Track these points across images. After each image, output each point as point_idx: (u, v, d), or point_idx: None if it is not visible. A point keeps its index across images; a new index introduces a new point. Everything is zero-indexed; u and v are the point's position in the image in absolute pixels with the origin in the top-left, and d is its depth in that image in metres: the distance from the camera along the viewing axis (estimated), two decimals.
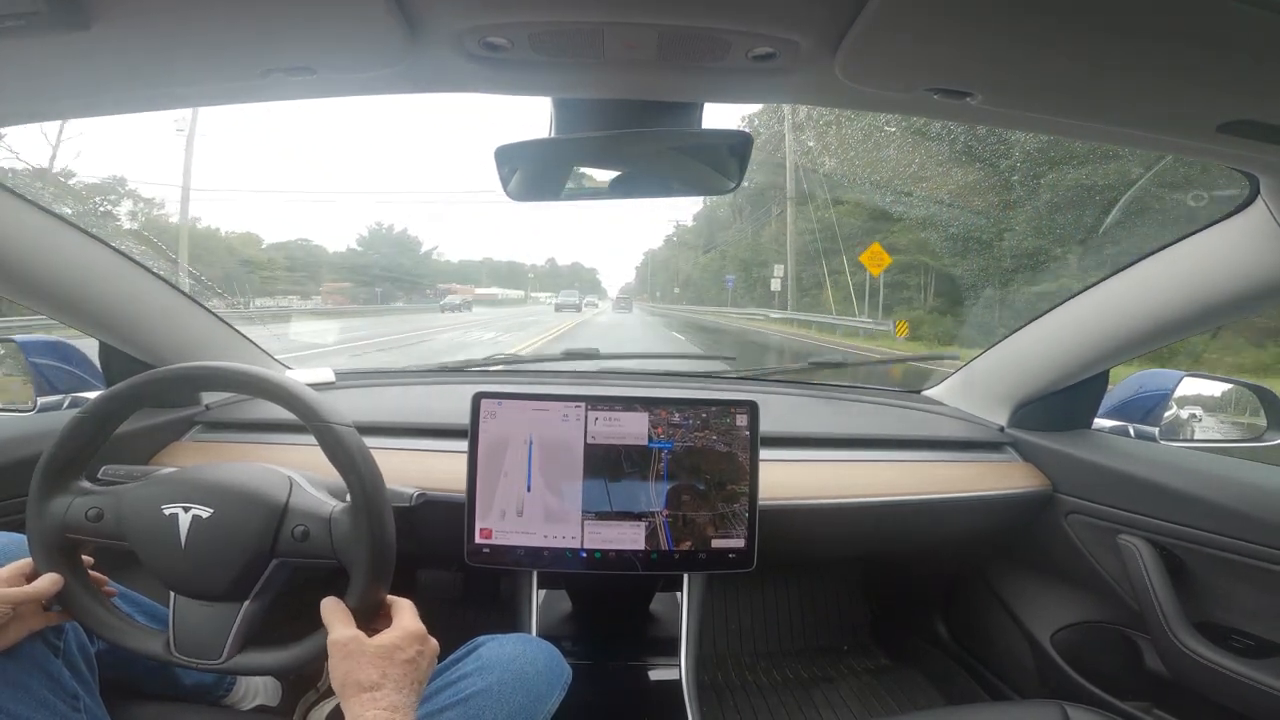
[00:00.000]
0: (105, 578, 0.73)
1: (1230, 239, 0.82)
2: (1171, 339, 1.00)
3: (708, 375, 1.64)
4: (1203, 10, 0.42)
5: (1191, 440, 1.26)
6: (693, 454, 0.99)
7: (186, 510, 0.65)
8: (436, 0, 0.47)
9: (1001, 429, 1.29)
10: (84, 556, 0.70)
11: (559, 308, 29.13)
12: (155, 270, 1.06)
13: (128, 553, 0.66)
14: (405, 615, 0.65)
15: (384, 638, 0.61)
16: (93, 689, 0.70)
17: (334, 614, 0.63)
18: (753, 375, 1.64)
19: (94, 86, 0.59)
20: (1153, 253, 0.94)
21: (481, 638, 0.83)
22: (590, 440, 0.99)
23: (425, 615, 0.66)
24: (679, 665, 1.03)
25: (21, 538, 0.69)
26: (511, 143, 0.74)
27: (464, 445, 0.98)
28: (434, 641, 0.65)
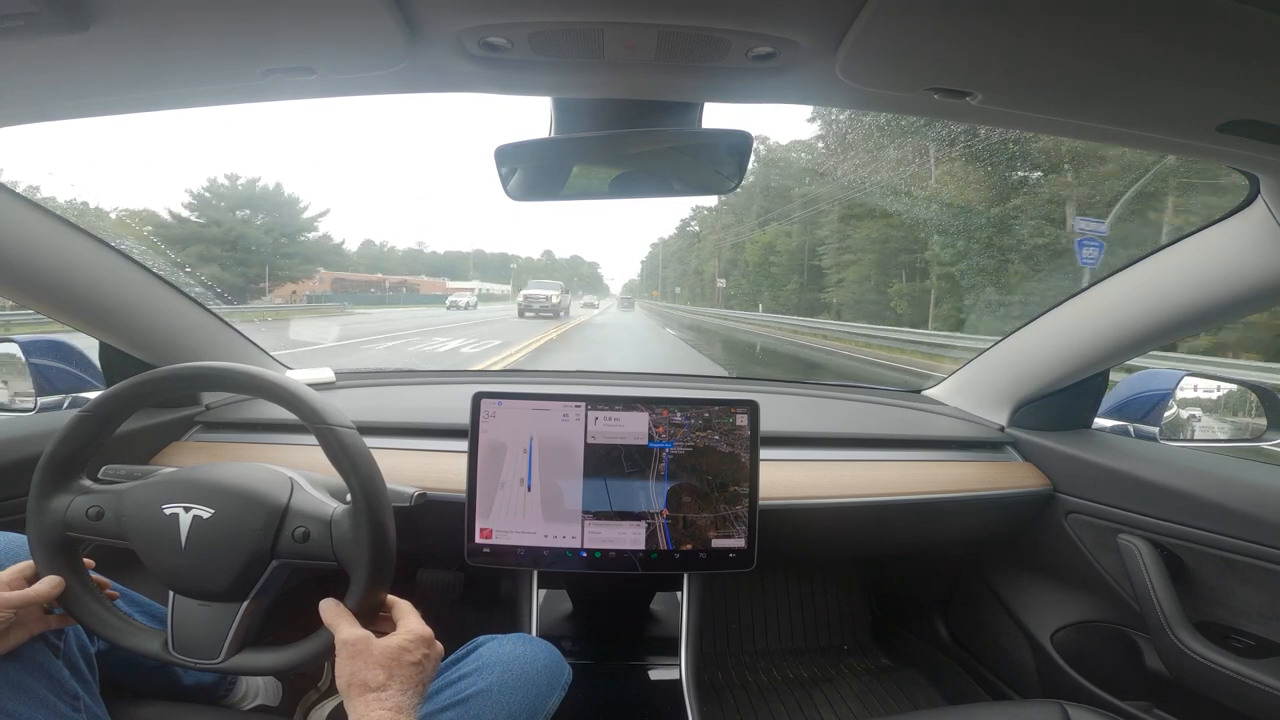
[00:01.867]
0: (108, 581, 0.73)
1: (1230, 239, 0.82)
2: (1171, 338, 1.00)
3: (707, 376, 1.64)
4: (1203, 10, 0.42)
5: (1192, 440, 1.26)
6: (694, 454, 0.99)
7: (187, 510, 0.65)
8: (436, 1, 0.47)
9: (1002, 429, 1.29)
10: (85, 560, 0.70)
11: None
12: (155, 270, 1.06)
13: (128, 552, 0.66)
14: (411, 618, 0.65)
15: (392, 639, 0.61)
16: (93, 689, 0.70)
17: (339, 615, 0.63)
18: (753, 376, 1.65)
19: (93, 87, 0.59)
20: (1153, 252, 0.94)
21: (481, 638, 0.83)
22: (590, 440, 0.99)
23: (425, 615, 0.66)
24: (679, 665, 1.03)
25: (22, 538, 0.69)
26: (511, 143, 0.74)
27: (464, 445, 0.98)
28: (439, 645, 0.65)
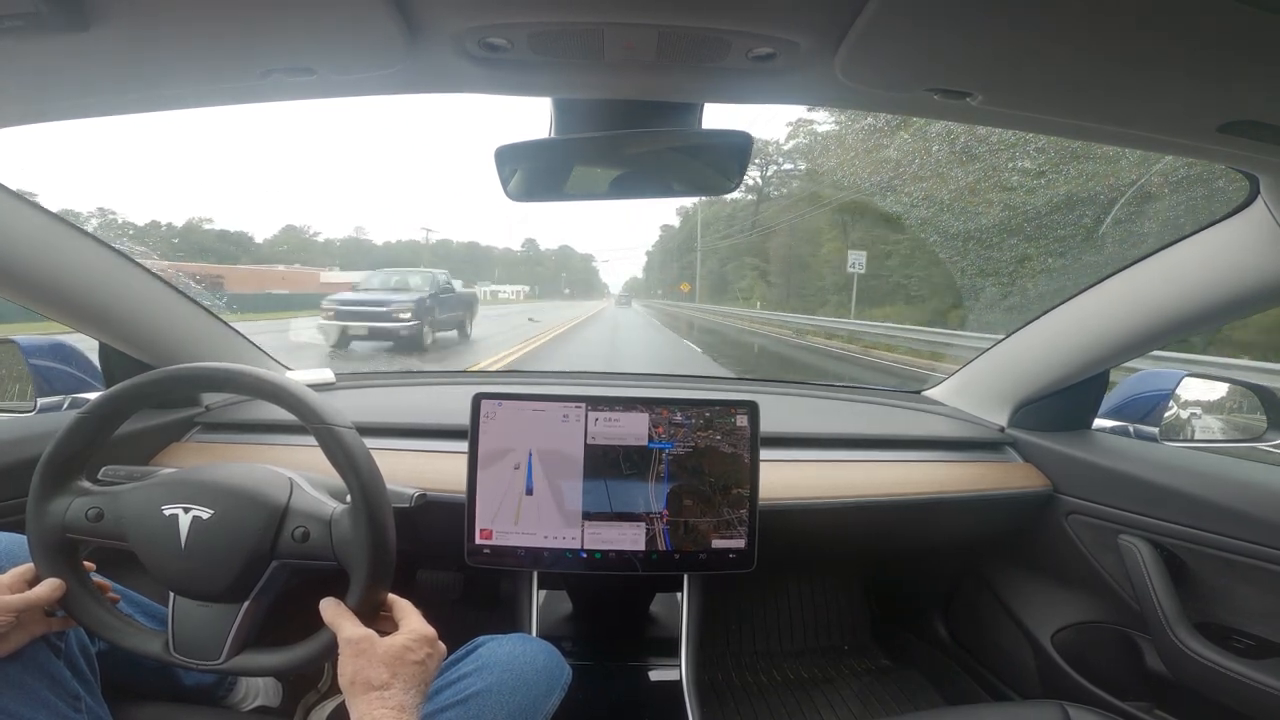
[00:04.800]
0: (109, 584, 0.73)
1: (1230, 239, 0.82)
2: (1171, 339, 1.00)
3: (708, 377, 1.64)
4: (1203, 10, 0.42)
5: (1192, 440, 1.26)
6: (694, 455, 0.99)
7: (187, 511, 0.65)
8: (436, 1, 0.47)
9: (1002, 429, 1.29)
10: (86, 562, 0.70)
11: None
12: (155, 271, 1.06)
13: (128, 553, 0.66)
14: (413, 617, 0.65)
15: (396, 639, 0.61)
16: (94, 689, 0.70)
17: (340, 614, 0.63)
18: (753, 377, 1.65)
19: (92, 87, 0.59)
20: (1153, 253, 0.94)
21: (481, 638, 0.83)
22: (590, 441, 0.98)
23: (425, 616, 0.66)
24: (679, 665, 1.03)
25: (21, 538, 0.69)
26: (511, 143, 0.74)
27: (464, 446, 0.98)
28: (442, 645, 0.65)
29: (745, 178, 0.79)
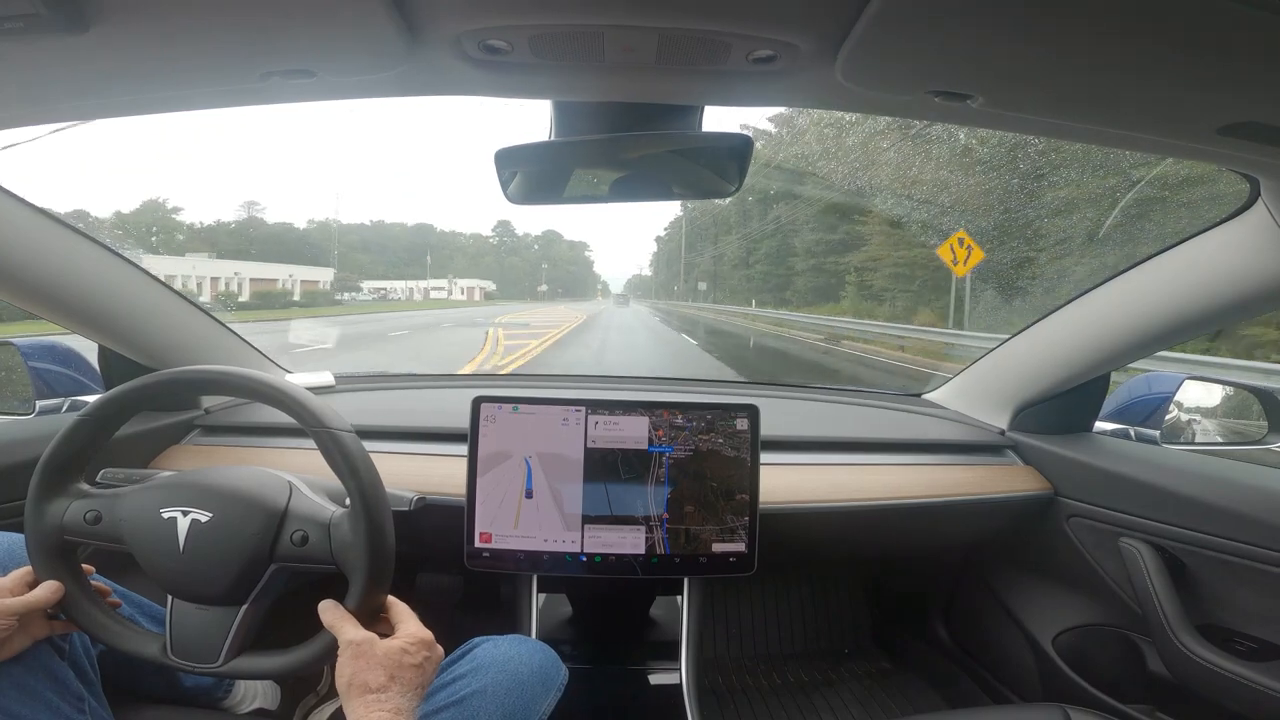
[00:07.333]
0: (109, 588, 0.73)
1: (1231, 241, 0.82)
2: (1173, 342, 1.00)
3: (708, 380, 1.64)
4: (1203, 11, 0.42)
5: (1193, 443, 1.25)
6: (694, 458, 0.99)
7: (185, 514, 0.65)
8: (436, 3, 0.47)
9: (1002, 432, 1.29)
10: (85, 565, 0.70)
11: None
12: (154, 273, 1.06)
13: (127, 556, 0.66)
14: (410, 621, 0.65)
15: (394, 641, 0.61)
16: (98, 690, 0.70)
17: (341, 616, 0.63)
18: (753, 380, 1.64)
19: (92, 89, 0.59)
20: (1153, 256, 0.94)
21: (477, 639, 0.82)
22: (590, 444, 0.98)
23: (425, 618, 0.66)
24: (679, 669, 1.03)
25: (20, 537, 0.69)
26: (511, 146, 0.74)
27: (464, 449, 0.98)
28: (440, 648, 0.65)
29: None
